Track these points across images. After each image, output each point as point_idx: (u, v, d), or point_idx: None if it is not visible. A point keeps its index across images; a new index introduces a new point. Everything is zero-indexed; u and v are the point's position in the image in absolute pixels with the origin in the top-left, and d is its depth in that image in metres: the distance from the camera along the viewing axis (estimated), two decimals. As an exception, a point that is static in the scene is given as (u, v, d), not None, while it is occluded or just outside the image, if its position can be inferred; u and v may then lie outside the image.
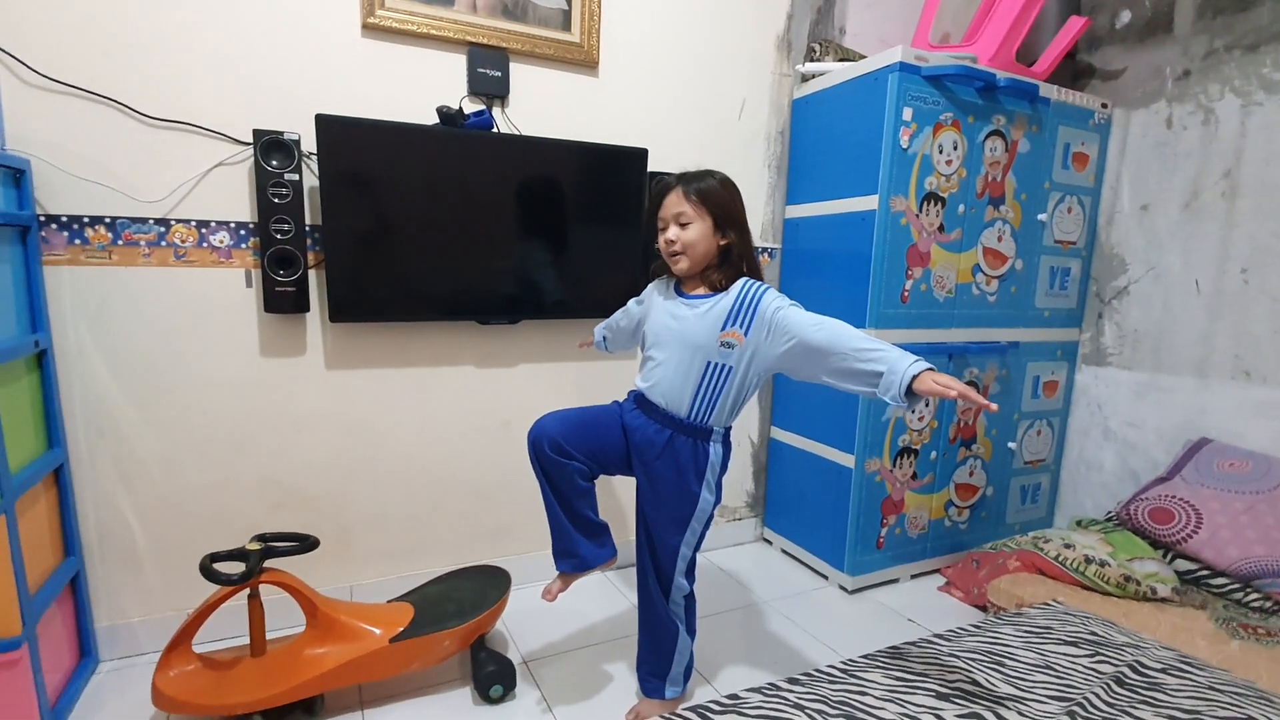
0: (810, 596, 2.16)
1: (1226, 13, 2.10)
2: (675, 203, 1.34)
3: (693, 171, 1.37)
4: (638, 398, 1.45)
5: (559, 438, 1.38)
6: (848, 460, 2.12)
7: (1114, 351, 2.43)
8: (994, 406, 1.07)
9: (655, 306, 1.46)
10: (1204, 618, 1.73)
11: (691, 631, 1.54)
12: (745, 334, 1.31)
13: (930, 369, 1.12)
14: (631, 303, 1.64)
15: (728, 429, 1.42)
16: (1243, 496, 1.89)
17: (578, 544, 1.44)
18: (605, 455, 1.44)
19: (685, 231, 1.33)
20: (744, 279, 1.36)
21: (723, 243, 1.35)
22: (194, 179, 1.64)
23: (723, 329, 1.31)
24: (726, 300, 1.33)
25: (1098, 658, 1.26)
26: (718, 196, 1.33)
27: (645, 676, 1.56)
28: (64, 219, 1.54)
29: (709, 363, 1.34)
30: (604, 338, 1.77)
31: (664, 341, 1.40)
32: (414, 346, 1.92)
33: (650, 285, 1.54)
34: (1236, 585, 1.81)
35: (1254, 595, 1.78)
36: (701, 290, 1.38)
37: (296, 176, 1.64)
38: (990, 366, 2.28)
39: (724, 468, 1.43)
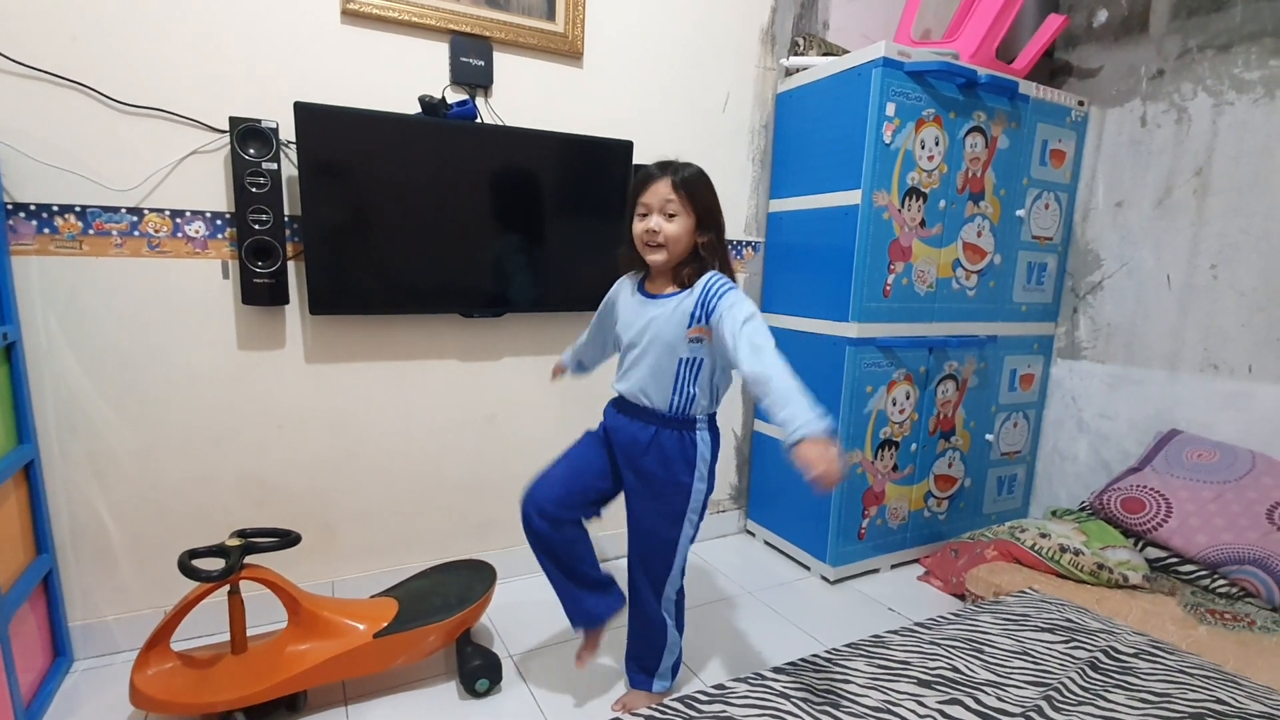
0: (793, 587, 2.18)
1: (1200, 13, 2.15)
2: (664, 191, 1.30)
3: (676, 162, 1.34)
4: (616, 401, 1.46)
5: (544, 501, 1.41)
6: (830, 452, 2.14)
7: (1088, 345, 2.49)
8: (832, 487, 1.04)
9: (625, 308, 1.44)
10: (1173, 604, 1.78)
11: (680, 627, 1.55)
12: (709, 328, 1.31)
13: (811, 438, 1.06)
14: (595, 318, 1.58)
15: (712, 415, 1.43)
16: (1211, 486, 1.95)
17: (583, 600, 1.47)
18: (595, 487, 1.46)
19: (670, 224, 1.31)
20: (709, 274, 1.33)
21: (701, 241, 1.34)
22: (167, 167, 1.60)
23: (689, 325, 1.31)
24: (691, 298, 1.31)
25: (1073, 643, 1.29)
26: (704, 195, 1.32)
27: (633, 670, 1.57)
28: (32, 207, 1.50)
29: (681, 359, 1.34)
30: (578, 362, 1.70)
31: (637, 342, 1.38)
32: (397, 339, 1.90)
33: (615, 287, 1.50)
34: (1204, 572, 1.87)
35: (1221, 582, 1.83)
36: (670, 289, 1.36)
37: (275, 165, 1.61)
38: (969, 360, 2.32)
39: (714, 455, 1.44)
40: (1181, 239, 2.21)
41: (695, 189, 1.31)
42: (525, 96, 1.96)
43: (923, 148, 2.04)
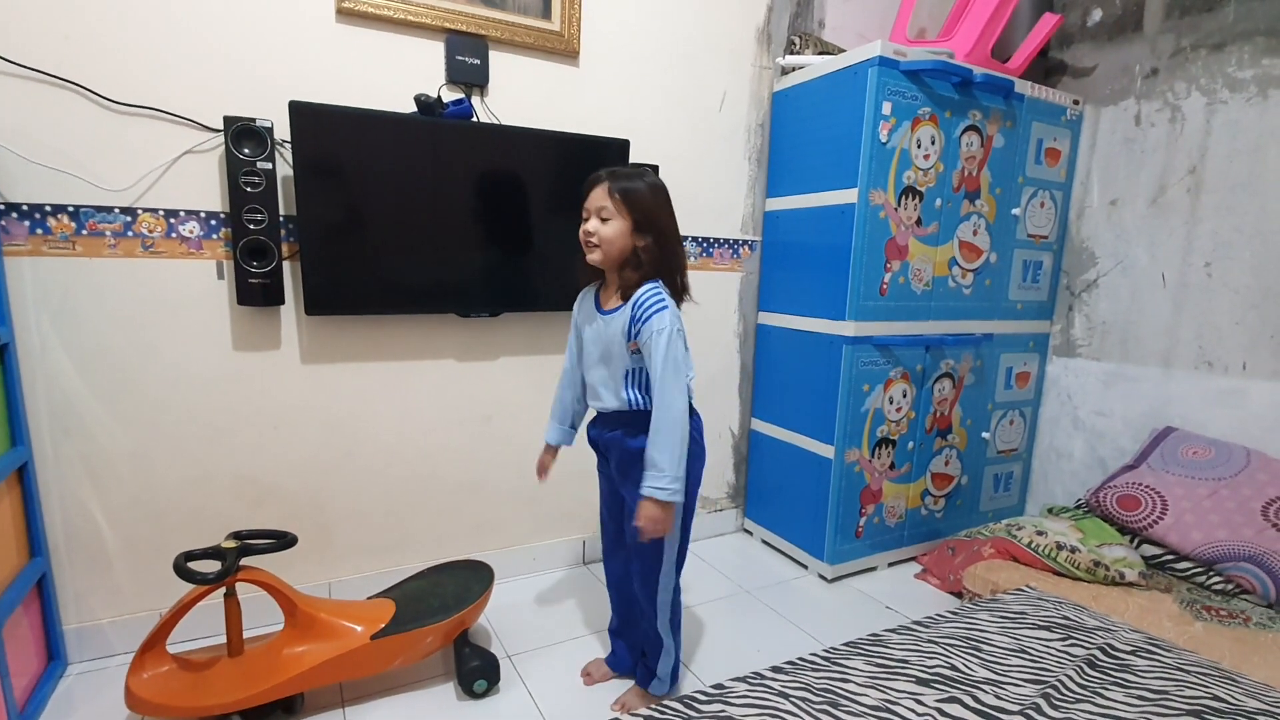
0: (791, 585, 2.18)
1: (1193, 12, 2.15)
2: (600, 197, 1.36)
3: (625, 170, 1.39)
4: (595, 419, 1.51)
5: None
6: (827, 451, 2.14)
7: (1083, 343, 2.49)
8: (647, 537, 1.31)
9: (586, 323, 1.49)
10: (1169, 600, 1.79)
11: (676, 632, 1.52)
12: (640, 346, 1.36)
13: (654, 499, 1.30)
14: (569, 350, 1.57)
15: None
16: (1206, 483, 1.96)
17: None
18: (620, 529, 1.53)
19: (604, 227, 1.35)
20: (645, 288, 1.35)
21: (640, 244, 1.37)
22: (161, 167, 1.59)
23: (628, 340, 1.36)
24: (627, 314, 1.36)
25: (1070, 641, 1.30)
26: (641, 201, 1.35)
27: (640, 667, 1.58)
28: (25, 208, 1.48)
29: (626, 369, 1.40)
30: (569, 424, 1.60)
31: (592, 356, 1.45)
32: (393, 340, 1.89)
33: (576, 306, 1.53)
34: (1200, 569, 1.88)
35: (1216, 578, 1.84)
36: (615, 302, 1.40)
37: (269, 165, 1.60)
38: (965, 358, 2.32)
39: (694, 439, 1.44)
40: (1175, 237, 2.22)
41: (631, 194, 1.34)
42: (521, 95, 1.95)
43: (919, 146, 2.05)
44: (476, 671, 1.55)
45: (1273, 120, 1.99)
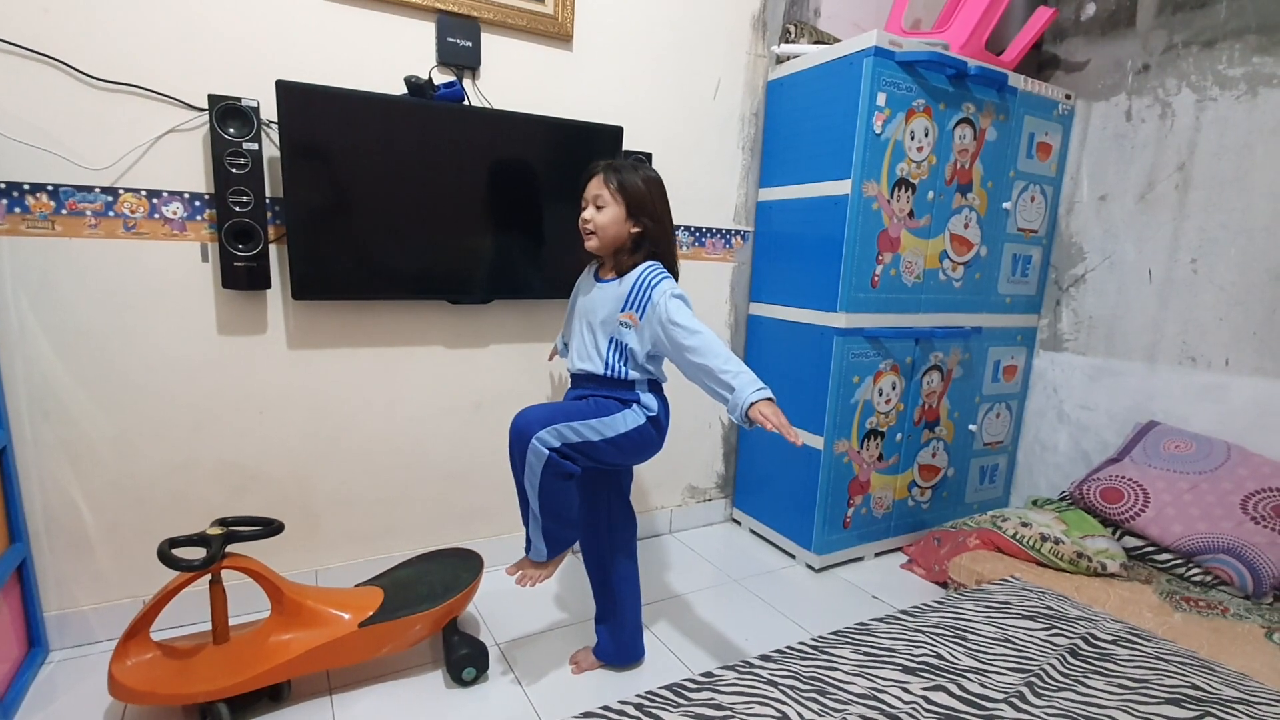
0: (778, 575, 2.20)
1: (1186, 9, 2.16)
2: (595, 186, 1.44)
3: (622, 162, 1.47)
4: (572, 383, 1.56)
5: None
6: (817, 442, 2.15)
7: (1070, 337, 2.52)
8: (799, 441, 1.21)
9: (577, 294, 1.59)
10: (1149, 591, 1.82)
11: (543, 505, 1.42)
12: (640, 317, 1.41)
13: (767, 399, 1.25)
14: (568, 305, 1.69)
15: (652, 381, 1.48)
16: (1187, 476, 1.99)
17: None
18: (591, 501, 1.57)
19: (599, 214, 1.43)
20: (645, 264, 1.44)
21: (634, 230, 1.44)
22: (144, 146, 1.55)
23: (623, 309, 1.42)
24: (626, 284, 1.43)
25: (1053, 630, 1.32)
26: (634, 189, 1.42)
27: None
28: (2, 185, 1.44)
29: (612, 338, 1.45)
30: (565, 344, 1.83)
31: (579, 320, 1.53)
32: (381, 326, 1.87)
33: (580, 276, 1.62)
34: (1180, 560, 1.91)
35: (1195, 570, 1.88)
36: (612, 274, 1.49)
37: (256, 146, 1.57)
38: (954, 351, 2.34)
39: (661, 409, 1.48)
40: (1163, 233, 2.24)
41: (624, 182, 1.42)
42: (514, 79, 1.93)
43: (912, 138, 2.04)
44: (465, 659, 1.55)
45: (1261, 118, 2.01)
